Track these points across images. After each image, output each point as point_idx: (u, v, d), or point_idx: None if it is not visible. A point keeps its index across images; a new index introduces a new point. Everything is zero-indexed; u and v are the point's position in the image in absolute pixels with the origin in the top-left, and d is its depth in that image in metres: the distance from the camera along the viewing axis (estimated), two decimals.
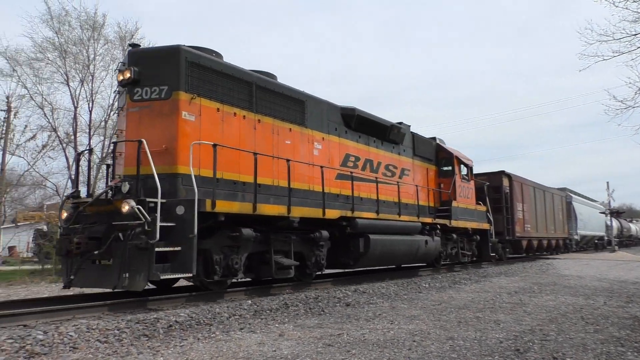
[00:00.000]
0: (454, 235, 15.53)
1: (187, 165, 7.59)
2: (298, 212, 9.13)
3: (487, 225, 17.79)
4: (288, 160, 9.23)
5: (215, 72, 8.54)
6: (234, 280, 8.54)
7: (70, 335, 5.06)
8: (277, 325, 6.32)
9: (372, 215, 11.48)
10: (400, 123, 14.13)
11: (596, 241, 39.69)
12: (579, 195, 38.68)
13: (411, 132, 14.71)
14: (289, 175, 9.17)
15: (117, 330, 5.42)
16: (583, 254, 31.94)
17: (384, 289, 9.82)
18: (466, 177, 16.89)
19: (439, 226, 14.29)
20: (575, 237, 32.01)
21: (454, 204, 15.49)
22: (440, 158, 16.31)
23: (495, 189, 20.41)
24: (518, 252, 22.66)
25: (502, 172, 21.34)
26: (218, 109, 8.48)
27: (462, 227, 15.80)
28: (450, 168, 16.19)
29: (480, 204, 17.96)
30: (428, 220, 13.90)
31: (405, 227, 12.64)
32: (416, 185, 13.95)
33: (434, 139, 16.66)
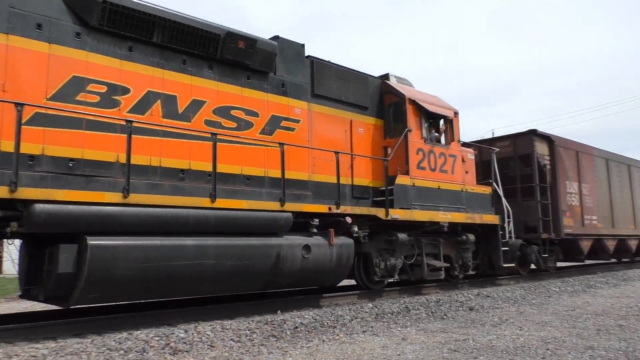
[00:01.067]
0: (400, 236, 9.09)
1: None
2: None
3: (491, 217, 10.95)
4: None
5: None
6: None
7: (208, 335, 5.44)
8: (399, 328, 6.30)
9: (114, 196, 5.74)
10: (275, 38, 8.21)
11: None
12: None
13: (309, 57, 8.72)
14: None
15: (249, 330, 5.75)
16: None
17: (509, 293, 9.37)
18: (439, 137, 10.29)
19: (349, 219, 8.18)
20: None
21: (402, 180, 9.22)
22: (388, 105, 9.82)
23: (524, 160, 13.01)
24: (575, 259, 14.33)
25: (534, 133, 13.15)
26: None
27: (426, 220, 9.47)
28: (401, 120, 9.56)
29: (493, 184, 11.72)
30: (319, 208, 7.86)
31: (239, 222, 6.84)
32: (280, 144, 7.52)
33: (384, 76, 10.15)
